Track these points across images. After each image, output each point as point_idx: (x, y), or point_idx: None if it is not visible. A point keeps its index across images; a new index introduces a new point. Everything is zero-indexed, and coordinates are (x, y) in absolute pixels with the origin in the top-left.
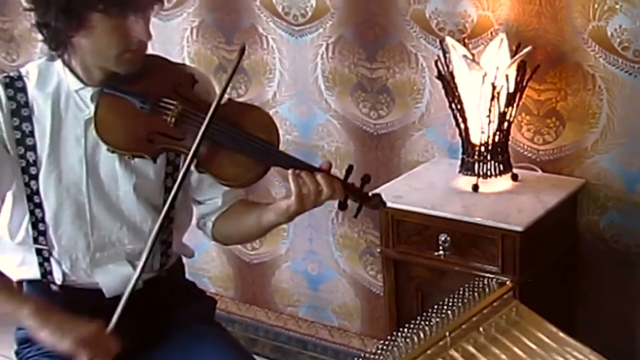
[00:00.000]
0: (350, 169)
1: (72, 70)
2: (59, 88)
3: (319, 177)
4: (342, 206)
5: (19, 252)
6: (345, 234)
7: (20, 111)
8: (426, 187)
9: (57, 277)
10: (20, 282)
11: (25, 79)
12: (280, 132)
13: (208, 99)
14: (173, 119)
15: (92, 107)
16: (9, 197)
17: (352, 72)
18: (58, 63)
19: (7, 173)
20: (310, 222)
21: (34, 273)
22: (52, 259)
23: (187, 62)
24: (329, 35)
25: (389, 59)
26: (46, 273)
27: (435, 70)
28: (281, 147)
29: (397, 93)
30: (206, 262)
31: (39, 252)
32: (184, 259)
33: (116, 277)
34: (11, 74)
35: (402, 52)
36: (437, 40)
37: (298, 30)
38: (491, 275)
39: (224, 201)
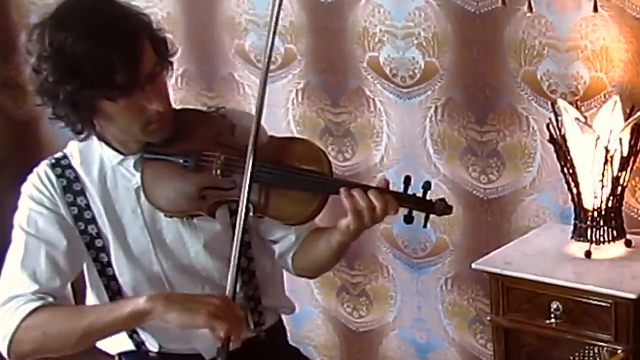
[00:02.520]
0: (407, 179)
1: (108, 144)
2: (102, 163)
3: (370, 192)
4: (408, 219)
5: None
6: (454, 302)
7: (72, 186)
8: (537, 253)
9: (152, 346)
10: (119, 355)
11: (69, 157)
12: None
13: (258, 143)
14: (218, 171)
15: (138, 175)
16: (88, 285)
17: (462, 135)
18: (96, 142)
19: (77, 246)
20: (419, 289)
21: (129, 345)
22: (139, 330)
23: (292, 125)
24: (438, 97)
25: (499, 122)
26: (139, 344)
27: (547, 133)
28: None
29: (507, 157)
30: (310, 330)
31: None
32: (287, 325)
33: (212, 338)
34: (55, 155)
35: (513, 114)
36: (549, 103)
37: (406, 93)
38: (604, 344)
39: (297, 236)
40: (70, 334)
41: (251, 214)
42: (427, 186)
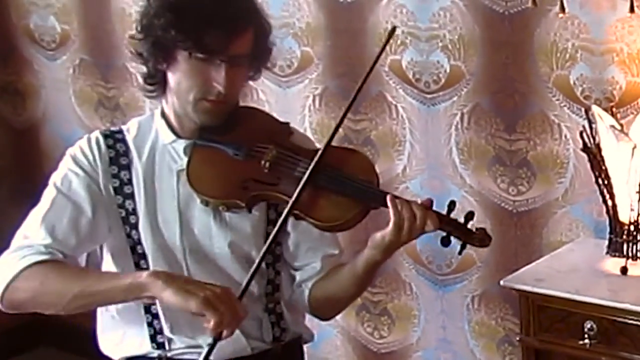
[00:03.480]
0: (452, 204)
1: (167, 122)
2: (156, 140)
3: (414, 206)
4: (445, 242)
5: (119, 329)
6: (482, 321)
7: (119, 159)
8: (570, 269)
9: (166, 333)
10: None
11: (125, 132)
12: None
13: (311, 147)
14: (267, 163)
15: (185, 159)
16: (108, 261)
17: (489, 144)
18: (157, 117)
19: (103, 216)
20: (444, 308)
21: (137, 346)
22: (155, 322)
23: (309, 133)
24: (464, 103)
25: (529, 130)
26: (155, 334)
27: (580, 142)
28: None
29: (538, 167)
30: (329, 352)
31: (147, 310)
32: (305, 347)
33: (222, 342)
34: (112, 128)
35: (544, 122)
36: (582, 109)
37: (430, 99)
38: None
39: (322, 266)
40: (66, 290)
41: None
42: (470, 216)
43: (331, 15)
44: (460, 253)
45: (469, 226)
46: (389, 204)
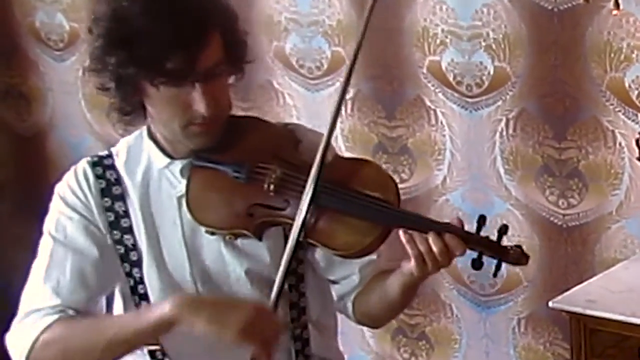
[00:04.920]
0: (482, 219)
1: (157, 144)
2: (149, 165)
3: (430, 234)
4: (477, 264)
5: None
6: (529, 346)
7: (111, 190)
8: (625, 290)
9: None
10: None
11: (114, 156)
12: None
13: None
14: (272, 186)
15: (184, 182)
16: (118, 301)
17: (537, 153)
18: (146, 138)
19: (110, 255)
20: (487, 331)
21: None
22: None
23: (340, 141)
24: (510, 108)
25: (580, 137)
26: None
27: (637, 150)
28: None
29: (590, 178)
30: None
31: (152, 354)
32: None
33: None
34: (100, 153)
35: (597, 129)
36: (639, 115)
37: (472, 103)
38: None
39: (361, 277)
40: (92, 348)
41: (301, 238)
42: (503, 230)
43: (364, 13)
44: (495, 275)
45: (502, 243)
46: (405, 243)
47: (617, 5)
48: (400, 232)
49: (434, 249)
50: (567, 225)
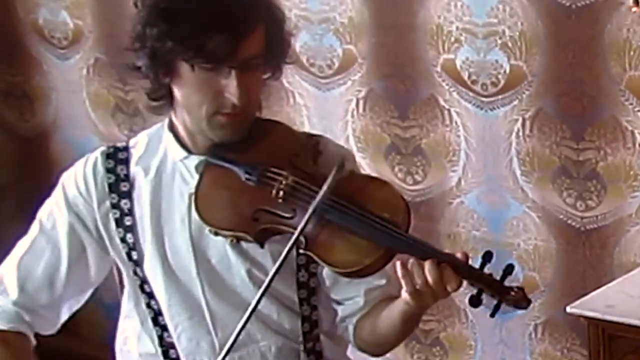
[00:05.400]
0: (488, 255)
1: (177, 136)
2: (164, 158)
3: (427, 268)
4: (474, 302)
5: None
6: (546, 352)
7: (119, 185)
8: None
9: None
10: None
11: (131, 149)
12: (467, 227)
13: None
14: (281, 192)
15: (197, 177)
16: (125, 301)
17: (554, 154)
18: (165, 130)
19: (82, 267)
20: (502, 337)
21: None
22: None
23: (352, 142)
24: (526, 108)
25: (599, 138)
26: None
27: None
28: (467, 244)
29: (609, 179)
30: None
31: (165, 354)
32: None
33: None
34: (117, 144)
35: (616, 128)
36: None
37: (488, 102)
38: None
39: (366, 301)
40: None
41: (301, 249)
42: (509, 270)
43: (377, 10)
44: (492, 315)
45: (505, 283)
46: (400, 276)
47: (636, 1)
48: (397, 265)
49: (429, 278)
50: (585, 228)
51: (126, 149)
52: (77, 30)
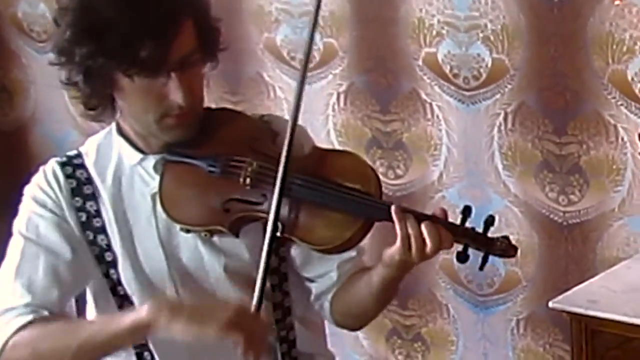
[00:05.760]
0: (467, 210)
1: (128, 140)
2: (119, 163)
3: (423, 223)
4: (461, 257)
5: None
6: (528, 348)
7: (82, 189)
8: (628, 289)
9: None
10: None
11: (83, 156)
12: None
13: (297, 153)
14: (248, 179)
15: (157, 178)
16: (90, 304)
17: (537, 148)
18: (115, 135)
19: (83, 256)
20: (485, 332)
21: None
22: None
23: (333, 136)
24: (508, 102)
25: (581, 132)
26: None
27: (639, 145)
28: None
29: (592, 174)
30: None
31: (139, 356)
32: None
33: None
34: (68, 153)
35: (598, 123)
36: None
37: (470, 97)
38: None
39: (339, 274)
40: (63, 352)
41: (279, 233)
42: (490, 221)
43: (358, 3)
44: (481, 268)
45: (488, 234)
46: (394, 217)
47: None
48: (393, 208)
49: (427, 238)
50: (568, 222)
51: (79, 155)
52: None
